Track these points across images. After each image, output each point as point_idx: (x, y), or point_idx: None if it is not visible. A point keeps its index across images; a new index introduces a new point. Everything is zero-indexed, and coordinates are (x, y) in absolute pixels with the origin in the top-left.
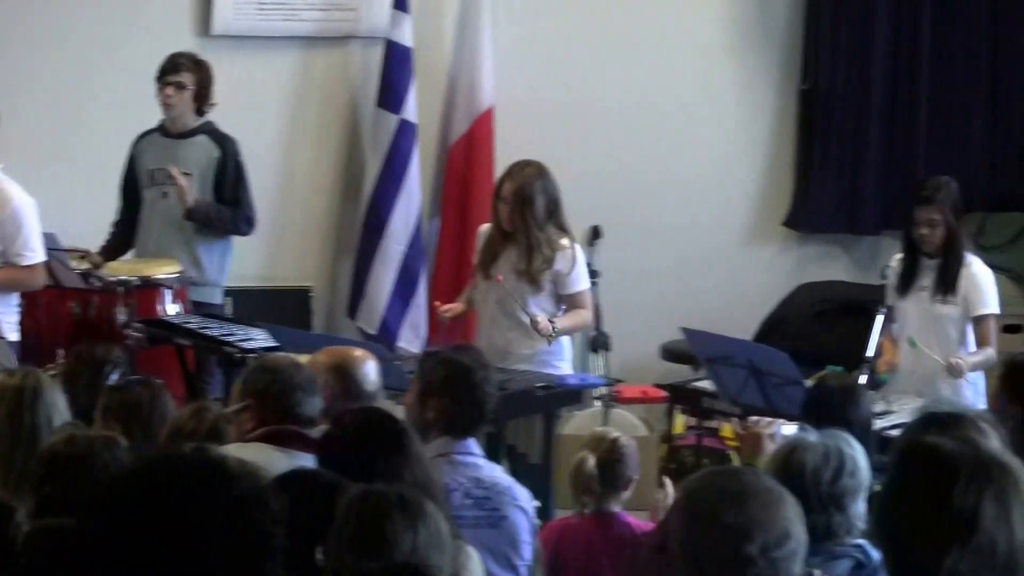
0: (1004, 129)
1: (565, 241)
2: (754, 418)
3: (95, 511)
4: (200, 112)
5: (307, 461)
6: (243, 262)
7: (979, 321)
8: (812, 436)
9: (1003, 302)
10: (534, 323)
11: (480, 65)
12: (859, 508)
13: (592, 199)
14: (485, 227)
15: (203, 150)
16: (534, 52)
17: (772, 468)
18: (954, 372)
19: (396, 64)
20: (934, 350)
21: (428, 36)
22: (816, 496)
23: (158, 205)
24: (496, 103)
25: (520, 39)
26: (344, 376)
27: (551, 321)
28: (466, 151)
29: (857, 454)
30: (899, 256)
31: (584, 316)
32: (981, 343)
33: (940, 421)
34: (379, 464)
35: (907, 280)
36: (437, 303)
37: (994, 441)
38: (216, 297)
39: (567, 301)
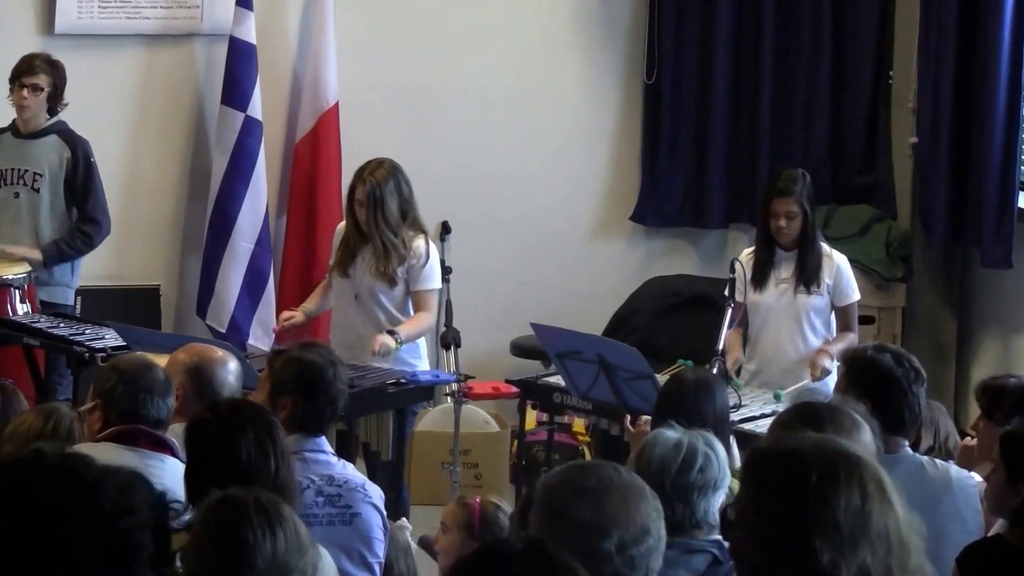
0: (847, 121)
1: (420, 241)
2: (645, 417)
3: None
4: (52, 112)
5: (157, 460)
6: (91, 261)
7: (845, 309)
8: (672, 431)
9: None
10: (372, 344)
11: (324, 61)
12: (710, 503)
13: (440, 195)
14: (342, 225)
15: (54, 150)
16: (379, 47)
17: (632, 462)
18: (824, 374)
19: (240, 61)
20: (798, 341)
21: (272, 33)
22: (660, 487)
23: (9, 205)
24: (341, 99)
25: (364, 34)
26: (198, 377)
27: (393, 331)
28: (312, 148)
29: (713, 452)
30: (749, 250)
31: (425, 320)
32: (845, 329)
33: (816, 413)
34: (249, 450)
35: (763, 273)
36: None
37: (867, 434)
38: (68, 298)
39: (414, 297)
